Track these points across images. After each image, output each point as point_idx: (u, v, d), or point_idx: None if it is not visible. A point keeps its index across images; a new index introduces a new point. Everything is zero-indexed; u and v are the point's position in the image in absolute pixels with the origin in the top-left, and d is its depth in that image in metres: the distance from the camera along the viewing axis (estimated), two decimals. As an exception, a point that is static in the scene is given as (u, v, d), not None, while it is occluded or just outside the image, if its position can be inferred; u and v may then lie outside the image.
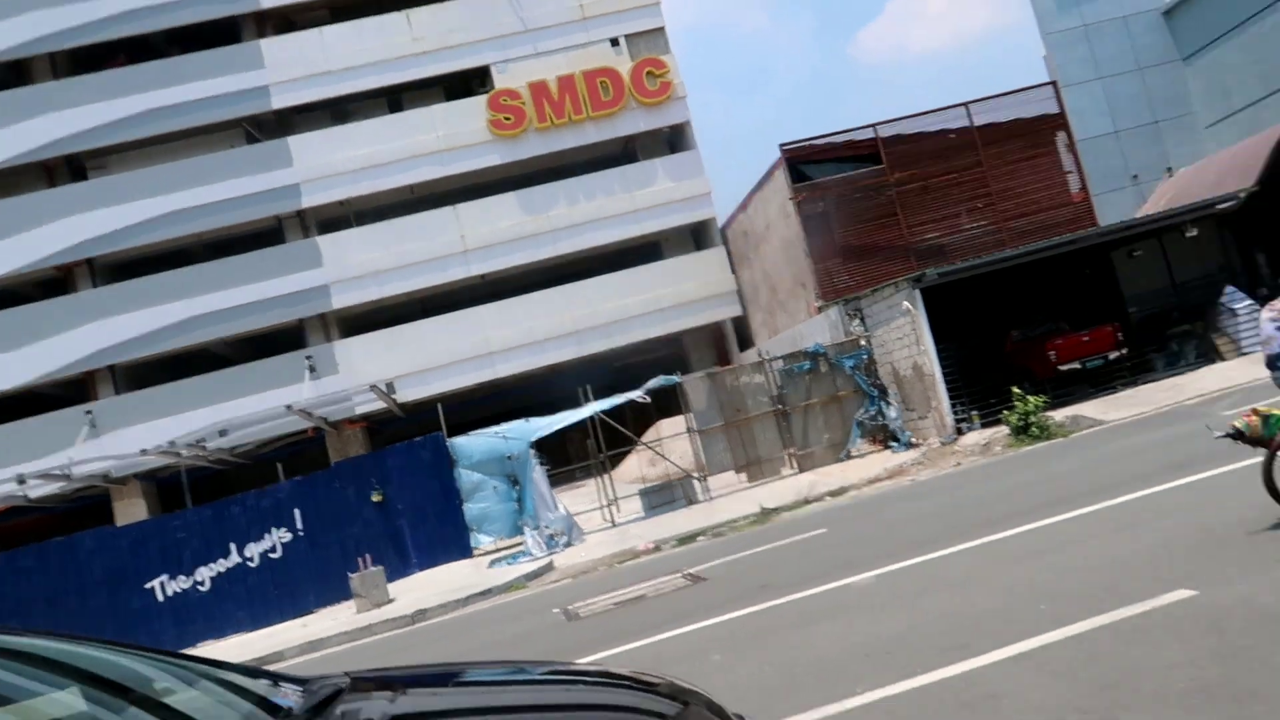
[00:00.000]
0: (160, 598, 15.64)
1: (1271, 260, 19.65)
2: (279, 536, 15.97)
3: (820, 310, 20.34)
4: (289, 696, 2.45)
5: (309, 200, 26.41)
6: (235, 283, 25.42)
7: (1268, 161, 17.60)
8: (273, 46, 27.23)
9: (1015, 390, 14.73)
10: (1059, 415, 14.83)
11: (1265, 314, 6.61)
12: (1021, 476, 11.31)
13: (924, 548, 8.07)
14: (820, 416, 17.15)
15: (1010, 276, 17.88)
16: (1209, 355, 17.37)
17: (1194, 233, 17.34)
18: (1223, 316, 17.18)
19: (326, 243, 26.19)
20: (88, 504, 25.09)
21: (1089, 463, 11.05)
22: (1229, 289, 17.41)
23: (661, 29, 28.16)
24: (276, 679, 2.65)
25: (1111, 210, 23.12)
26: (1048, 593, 5.71)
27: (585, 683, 2.86)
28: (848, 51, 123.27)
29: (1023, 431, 14.12)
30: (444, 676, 2.88)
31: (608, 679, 2.72)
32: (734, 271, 27.06)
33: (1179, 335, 18.13)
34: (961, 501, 10.64)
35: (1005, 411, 14.74)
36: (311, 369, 24.74)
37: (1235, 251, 19.78)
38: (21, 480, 21.40)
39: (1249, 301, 17.02)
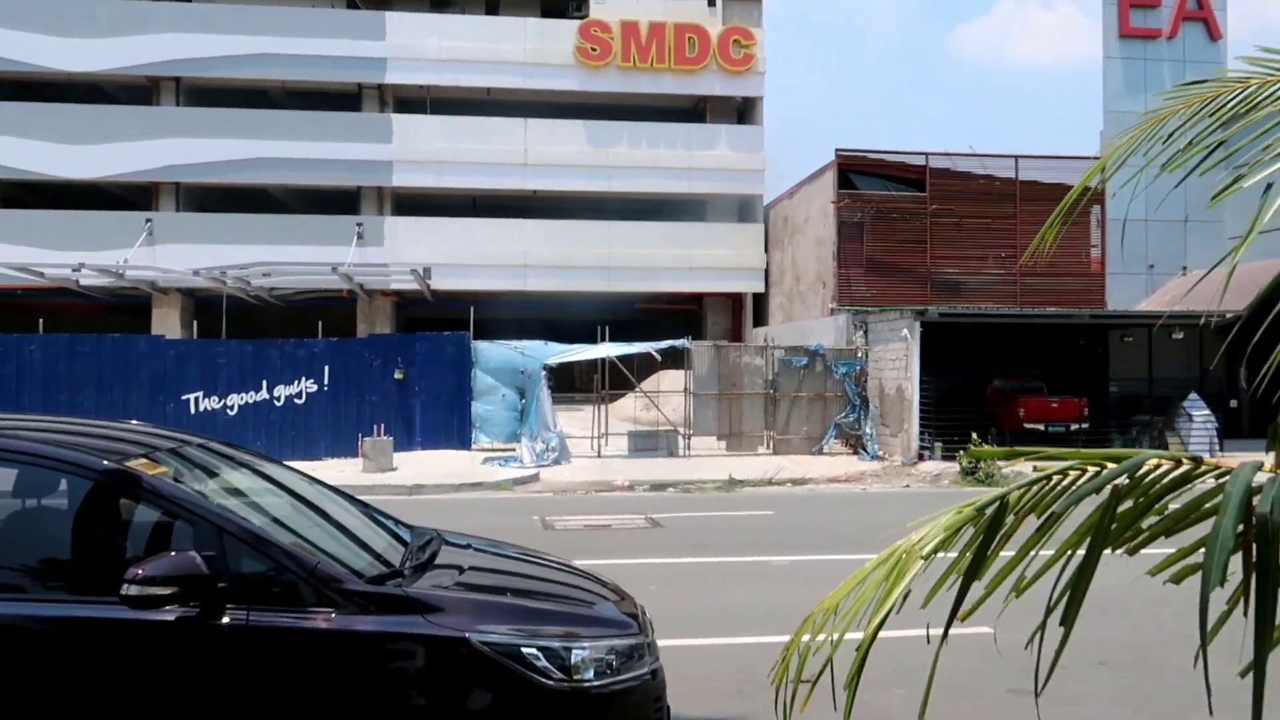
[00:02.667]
0: (193, 411, 17.59)
1: (1251, 377, 21.21)
2: (306, 385, 17.84)
3: (833, 313, 21.96)
4: (404, 533, 4.20)
5: (392, 77, 27.69)
6: (308, 137, 26.85)
7: (1264, 293, 19.00)
8: (392, -81, 28.20)
9: (974, 435, 16.46)
10: (1008, 468, 16.58)
11: None
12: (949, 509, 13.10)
13: (838, 549, 9.89)
14: (805, 409, 18.91)
15: (1010, 329, 19.48)
16: (1159, 449, 19.07)
17: (1180, 335, 18.91)
18: (1180, 419, 18.83)
19: (400, 121, 27.57)
20: (129, 303, 26.99)
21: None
22: (1192, 395, 19.02)
23: (759, 1, 29.12)
24: (393, 520, 4.41)
25: (1122, 289, 24.56)
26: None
27: (571, 570, 4.60)
28: (945, 42, 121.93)
29: (970, 474, 15.90)
30: (490, 545, 4.61)
31: (578, 571, 4.47)
32: (766, 251, 28.54)
33: (1142, 424, 19.80)
34: (890, 518, 12.45)
35: (961, 451, 16.48)
36: (360, 236, 26.39)
37: (1221, 362, 21.32)
38: (77, 268, 23.25)
39: (1206, 411, 18.65)
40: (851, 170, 23.21)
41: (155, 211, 26.76)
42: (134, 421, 4.27)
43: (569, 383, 26.73)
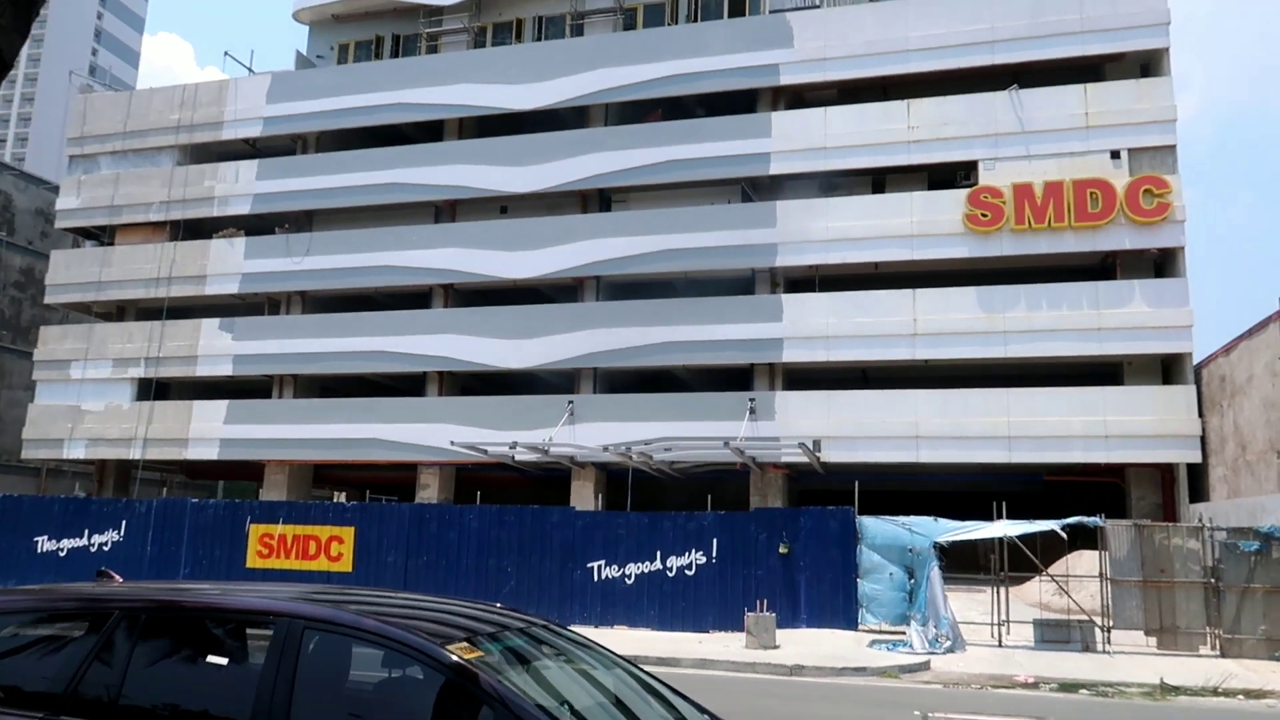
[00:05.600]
0: (596, 579, 18.92)
1: None
2: (696, 557, 18.47)
3: (1291, 487, 18.45)
4: None
5: (783, 260, 29.11)
6: (706, 320, 28.88)
7: None
8: (781, 119, 30.35)
9: None
10: None
11: None
12: None
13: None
14: (1260, 604, 15.77)
15: None
16: None
17: None
18: None
19: (789, 301, 28.73)
20: (553, 475, 30.24)
21: None
22: None
23: (1172, 147, 26.76)
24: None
25: None
26: None
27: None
28: None
29: None
30: None
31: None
32: (1201, 415, 24.98)
33: None
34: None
35: None
36: (752, 411, 27.41)
37: None
38: (513, 446, 26.63)
39: None
40: (1304, 320, 19.88)
41: (576, 395, 30.05)
42: (498, 605, 4.65)
43: (972, 561, 24.89)
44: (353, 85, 34.70)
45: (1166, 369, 26.60)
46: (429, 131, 34.77)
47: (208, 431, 32.56)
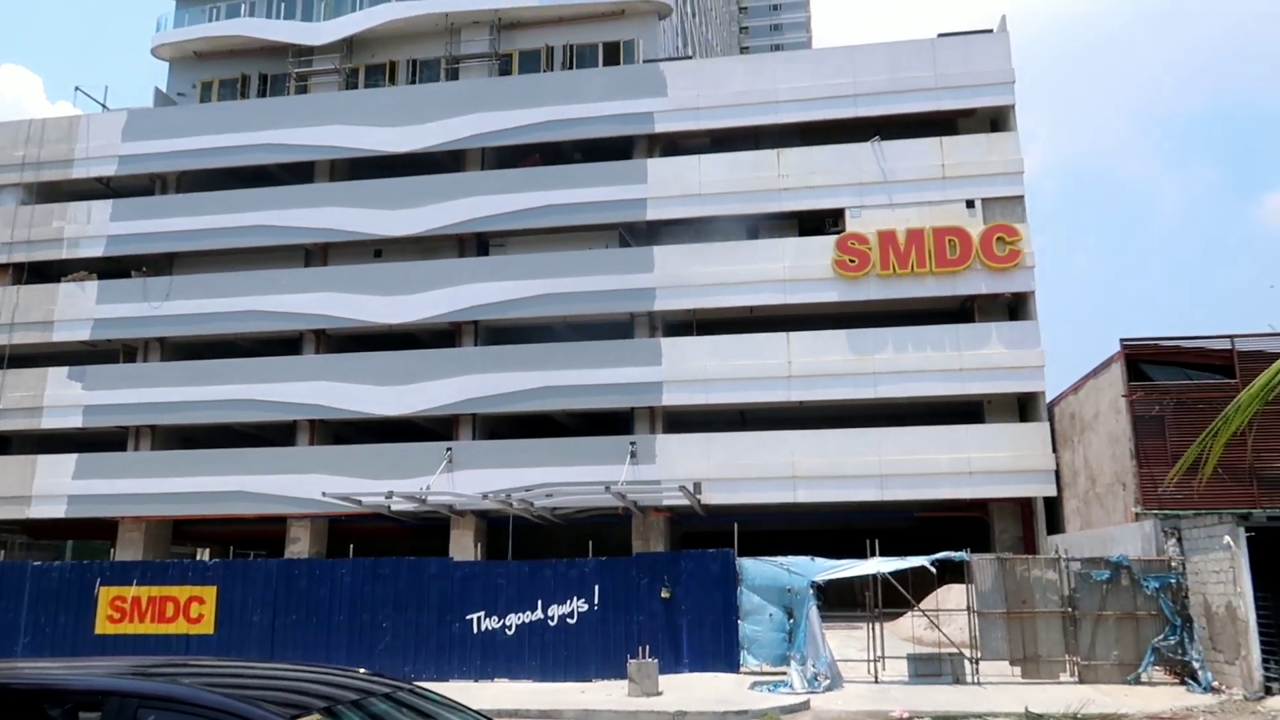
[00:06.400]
0: (475, 630, 18.41)
1: None
2: (578, 605, 18.22)
3: (1137, 518, 19.62)
4: None
5: (661, 304, 29.46)
6: (586, 365, 28.88)
7: None
8: (657, 165, 30.90)
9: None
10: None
11: None
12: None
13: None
14: (1113, 630, 16.64)
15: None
16: None
17: None
18: None
19: (668, 345, 29.04)
20: (432, 525, 29.43)
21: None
22: None
23: (1020, 198, 28.55)
24: None
25: None
26: None
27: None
28: (1253, 213, 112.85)
29: (1340, 711, 13.05)
30: None
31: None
32: (1055, 451, 26.42)
33: None
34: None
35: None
36: (633, 455, 27.45)
37: None
38: (389, 495, 25.83)
39: None
40: (1142, 360, 21.29)
41: (454, 441, 29.47)
42: (362, 670, 4.44)
43: (849, 598, 25.42)
44: (217, 124, 33.54)
45: (1023, 407, 28.06)
46: (298, 173, 33.86)
47: (54, 488, 30.39)
